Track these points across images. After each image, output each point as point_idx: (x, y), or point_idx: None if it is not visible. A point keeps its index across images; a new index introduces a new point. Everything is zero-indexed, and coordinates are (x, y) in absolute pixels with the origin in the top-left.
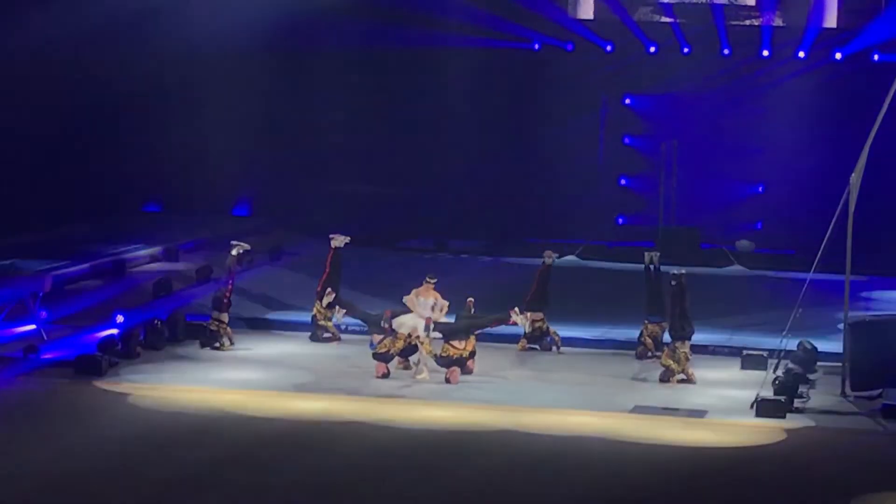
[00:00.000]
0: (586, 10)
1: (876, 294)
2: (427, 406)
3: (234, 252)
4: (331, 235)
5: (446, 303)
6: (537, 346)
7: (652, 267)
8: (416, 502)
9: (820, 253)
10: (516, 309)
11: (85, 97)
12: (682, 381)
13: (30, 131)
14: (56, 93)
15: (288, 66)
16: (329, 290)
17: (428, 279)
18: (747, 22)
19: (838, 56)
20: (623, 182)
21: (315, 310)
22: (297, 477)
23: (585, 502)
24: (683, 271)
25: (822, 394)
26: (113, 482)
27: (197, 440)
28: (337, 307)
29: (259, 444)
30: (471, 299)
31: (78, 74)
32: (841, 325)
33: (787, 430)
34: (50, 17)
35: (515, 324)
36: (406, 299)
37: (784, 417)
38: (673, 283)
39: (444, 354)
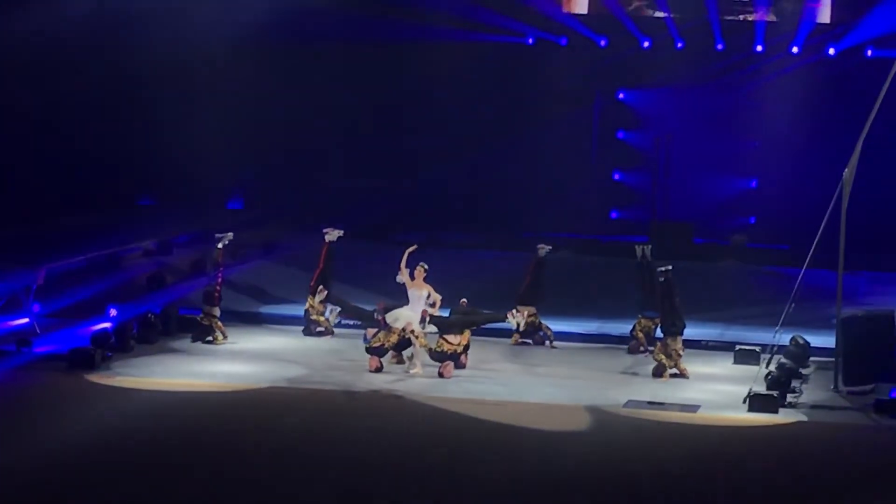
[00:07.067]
0: (580, 5)
1: (869, 289)
2: (421, 400)
3: (220, 245)
4: (324, 229)
5: (439, 297)
6: (530, 341)
7: (644, 261)
8: (409, 496)
9: (813, 248)
10: (513, 312)
11: (78, 90)
12: (674, 375)
13: (22, 125)
14: (48, 87)
15: (280, 61)
16: (321, 287)
17: (422, 266)
18: (741, 17)
19: (832, 51)
20: (617, 176)
21: (308, 304)
22: (290, 471)
23: (578, 497)
24: (670, 267)
25: (815, 389)
26: (105, 476)
27: (190, 434)
28: (331, 307)
29: (252, 438)
30: (464, 300)
31: (70, 68)
32: (834, 321)
33: (780, 425)
34: (44, 11)
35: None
36: (400, 277)
37: (776, 412)
38: (661, 279)
39: (438, 349)
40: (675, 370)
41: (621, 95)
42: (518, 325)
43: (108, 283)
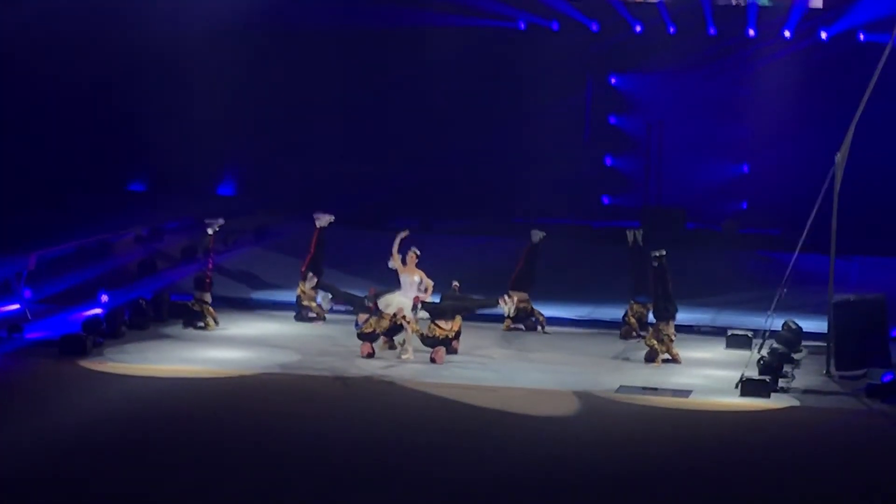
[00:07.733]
0: None
1: (861, 274)
2: (412, 386)
3: (210, 231)
4: (315, 215)
5: (431, 282)
6: (522, 326)
7: (636, 246)
8: (402, 482)
9: (805, 233)
10: (505, 297)
11: (69, 76)
12: (666, 361)
13: (13, 111)
14: (39, 73)
15: (272, 45)
16: (312, 273)
17: (414, 251)
18: (733, 1)
19: (824, 36)
20: (609, 162)
21: (299, 290)
22: (282, 457)
23: (570, 482)
24: (664, 252)
25: (807, 373)
26: (96, 462)
27: (181, 420)
28: (322, 293)
29: (242, 424)
30: (456, 283)
31: (61, 54)
32: (825, 305)
33: (772, 410)
34: None
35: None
36: (392, 263)
37: (768, 397)
38: (654, 264)
39: (429, 335)
40: (667, 355)
41: (613, 80)
42: (508, 311)
43: (100, 270)
